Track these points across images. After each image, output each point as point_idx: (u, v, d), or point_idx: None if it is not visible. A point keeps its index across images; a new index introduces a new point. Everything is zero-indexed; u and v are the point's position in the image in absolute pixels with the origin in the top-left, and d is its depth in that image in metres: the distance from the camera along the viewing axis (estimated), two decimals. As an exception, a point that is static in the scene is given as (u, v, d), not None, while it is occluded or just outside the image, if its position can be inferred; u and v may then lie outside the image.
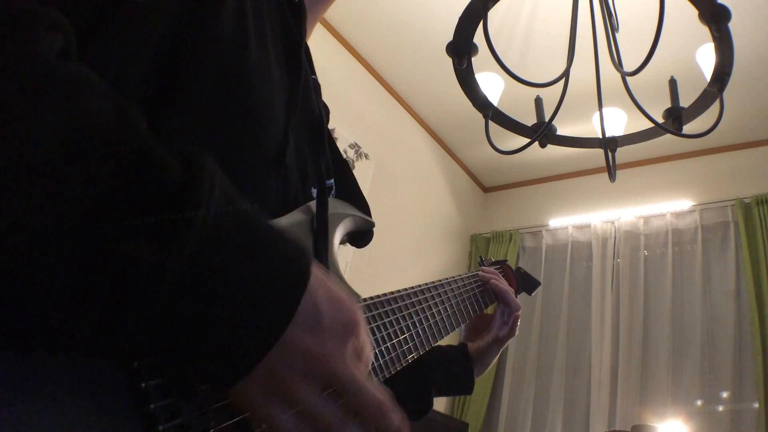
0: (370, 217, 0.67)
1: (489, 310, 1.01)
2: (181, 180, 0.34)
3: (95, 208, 0.31)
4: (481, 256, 1.12)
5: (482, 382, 3.46)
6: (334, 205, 0.61)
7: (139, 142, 0.33)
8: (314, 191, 0.60)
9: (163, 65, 0.44)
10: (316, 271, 0.40)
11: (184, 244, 0.33)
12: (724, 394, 2.95)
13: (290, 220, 0.54)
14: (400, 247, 3.43)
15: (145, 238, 0.32)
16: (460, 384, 0.95)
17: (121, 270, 0.31)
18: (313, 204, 0.58)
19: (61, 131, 0.30)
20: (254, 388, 0.37)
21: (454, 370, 0.94)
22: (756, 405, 2.80)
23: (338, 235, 0.59)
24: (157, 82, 0.44)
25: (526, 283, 1.12)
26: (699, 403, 2.97)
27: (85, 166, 0.31)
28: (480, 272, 1.00)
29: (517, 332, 0.99)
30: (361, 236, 0.67)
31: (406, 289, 0.68)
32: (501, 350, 0.99)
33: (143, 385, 0.36)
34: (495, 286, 0.99)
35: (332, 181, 0.67)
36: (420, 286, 0.73)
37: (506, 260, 1.08)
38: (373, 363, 0.56)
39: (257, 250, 0.37)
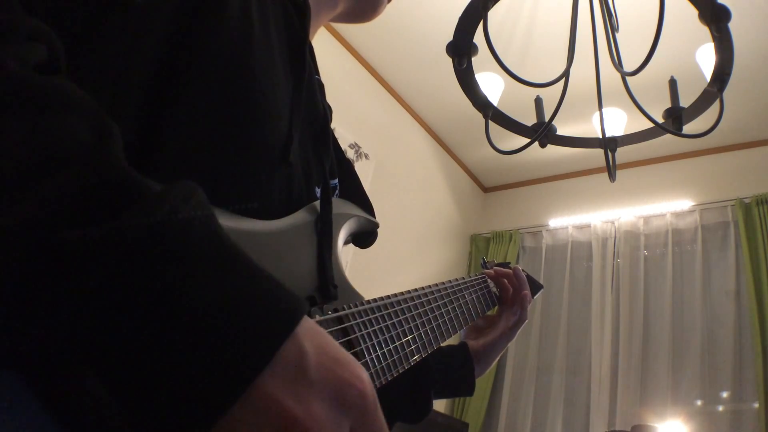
0: (374, 217, 0.67)
1: (491, 312, 1.01)
2: (156, 192, 0.30)
3: (48, 211, 0.27)
4: (483, 258, 1.12)
5: (482, 382, 3.46)
6: (339, 205, 0.61)
7: (112, 162, 0.30)
8: (318, 191, 0.60)
9: (166, 63, 0.44)
10: (312, 322, 0.33)
11: (128, 230, 0.27)
12: (724, 394, 2.94)
13: (295, 221, 0.54)
14: (399, 247, 3.43)
15: (88, 225, 0.27)
16: (460, 385, 0.93)
17: (59, 259, 0.26)
18: (317, 204, 0.58)
19: (27, 147, 0.28)
20: None
21: (454, 370, 0.93)
22: (756, 405, 2.80)
23: (342, 235, 0.59)
24: (161, 80, 0.44)
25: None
26: (699, 403, 2.97)
27: (47, 181, 0.27)
28: (492, 271, 1.02)
29: (527, 317, 1.01)
30: (365, 237, 0.67)
31: (410, 291, 0.68)
32: (505, 348, 0.99)
33: None
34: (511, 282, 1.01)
35: (336, 180, 0.67)
36: (424, 288, 0.73)
37: (509, 263, 1.08)
38: (376, 365, 0.56)
39: (235, 274, 0.30)
